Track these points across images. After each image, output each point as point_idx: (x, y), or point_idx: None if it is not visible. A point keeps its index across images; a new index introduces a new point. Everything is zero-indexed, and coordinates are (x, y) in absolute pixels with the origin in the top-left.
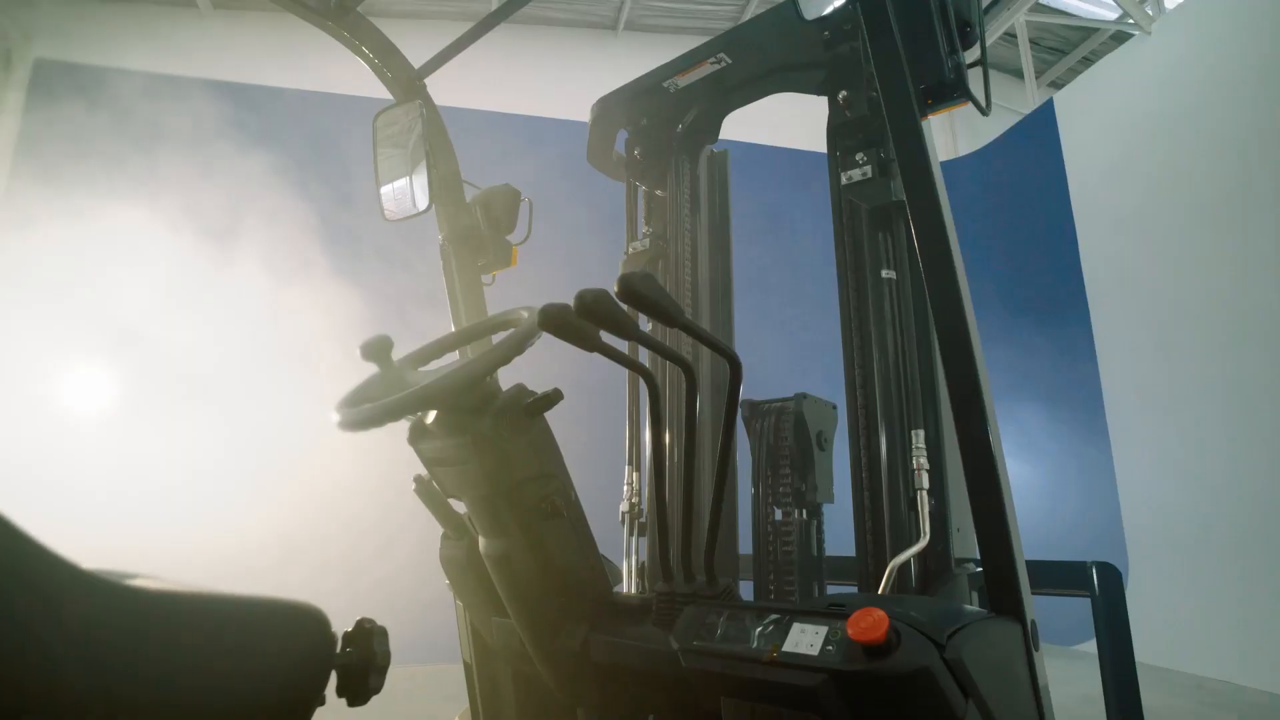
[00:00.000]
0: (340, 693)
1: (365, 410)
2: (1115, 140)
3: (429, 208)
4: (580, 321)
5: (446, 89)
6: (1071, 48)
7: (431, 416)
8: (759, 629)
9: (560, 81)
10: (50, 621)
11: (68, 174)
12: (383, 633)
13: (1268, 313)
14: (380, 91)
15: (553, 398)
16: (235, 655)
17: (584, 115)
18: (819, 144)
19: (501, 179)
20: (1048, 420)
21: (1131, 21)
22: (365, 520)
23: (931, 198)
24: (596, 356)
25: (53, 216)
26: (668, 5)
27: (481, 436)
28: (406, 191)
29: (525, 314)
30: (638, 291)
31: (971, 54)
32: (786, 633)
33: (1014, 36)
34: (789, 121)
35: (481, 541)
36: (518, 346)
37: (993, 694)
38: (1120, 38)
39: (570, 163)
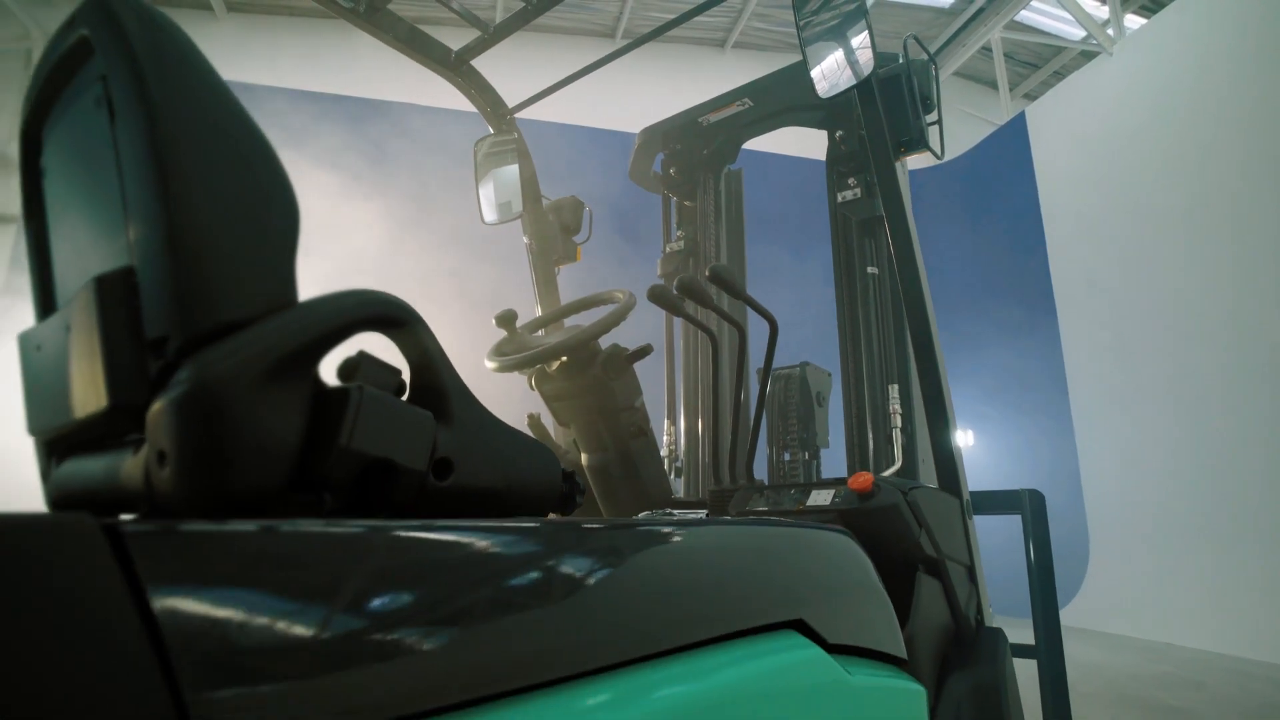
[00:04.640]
0: (554, 508)
1: (516, 358)
2: (1080, 152)
3: (519, 215)
4: (675, 297)
5: (456, 95)
6: (1043, 62)
7: (555, 365)
8: (789, 495)
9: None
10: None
11: None
12: (573, 475)
13: (1217, 314)
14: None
15: (645, 351)
16: (519, 467)
17: (584, 119)
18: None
19: None
20: (1016, 411)
21: (1095, 42)
22: None
23: (903, 217)
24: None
25: None
26: (663, 15)
27: (594, 378)
28: (501, 202)
29: (620, 294)
30: (722, 276)
31: (931, 116)
32: (809, 495)
33: (990, 50)
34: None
35: (585, 457)
36: (622, 315)
37: (938, 532)
38: (1088, 54)
39: (569, 164)
